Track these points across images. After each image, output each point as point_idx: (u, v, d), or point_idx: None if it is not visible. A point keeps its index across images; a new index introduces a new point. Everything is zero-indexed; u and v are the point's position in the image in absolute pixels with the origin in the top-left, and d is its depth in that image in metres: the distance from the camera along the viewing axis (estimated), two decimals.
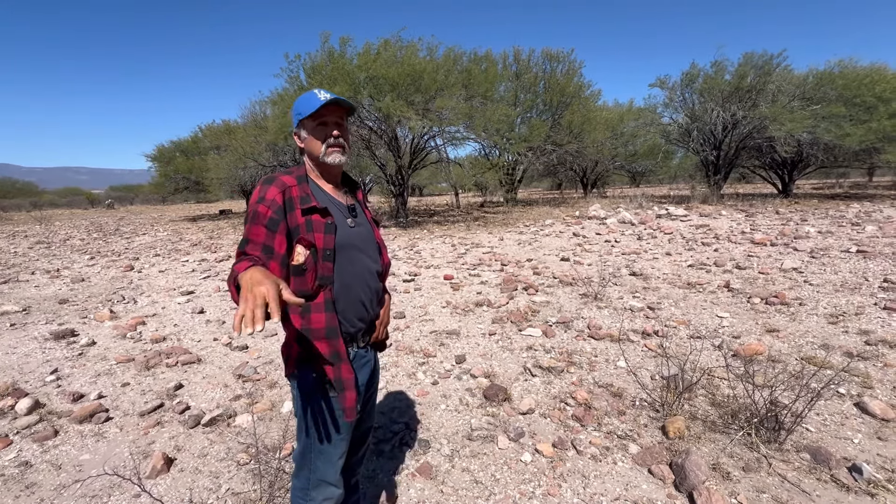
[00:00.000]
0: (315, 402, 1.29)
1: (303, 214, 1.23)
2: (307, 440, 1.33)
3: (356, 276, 1.34)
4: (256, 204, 1.21)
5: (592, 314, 4.12)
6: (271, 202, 1.20)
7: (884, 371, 2.80)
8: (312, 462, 1.33)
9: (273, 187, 1.22)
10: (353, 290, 1.34)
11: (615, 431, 2.32)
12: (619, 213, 10.08)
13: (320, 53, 11.09)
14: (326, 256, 1.25)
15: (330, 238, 1.26)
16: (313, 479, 1.33)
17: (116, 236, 12.46)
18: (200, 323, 4.38)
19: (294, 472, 1.39)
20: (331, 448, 1.32)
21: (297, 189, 1.25)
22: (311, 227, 1.23)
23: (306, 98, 1.29)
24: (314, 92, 1.28)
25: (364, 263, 1.37)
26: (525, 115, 16.77)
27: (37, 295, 5.72)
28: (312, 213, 1.24)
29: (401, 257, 7.36)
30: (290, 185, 1.25)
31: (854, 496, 1.80)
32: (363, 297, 1.36)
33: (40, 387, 3.04)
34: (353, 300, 1.34)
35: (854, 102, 12.65)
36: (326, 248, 1.25)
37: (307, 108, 1.27)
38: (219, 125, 21.35)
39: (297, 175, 1.30)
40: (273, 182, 1.24)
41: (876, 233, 6.87)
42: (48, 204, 37.00)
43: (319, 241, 1.24)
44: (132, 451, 2.28)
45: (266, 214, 1.19)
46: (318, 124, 1.28)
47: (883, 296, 4.11)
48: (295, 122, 1.33)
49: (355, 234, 1.35)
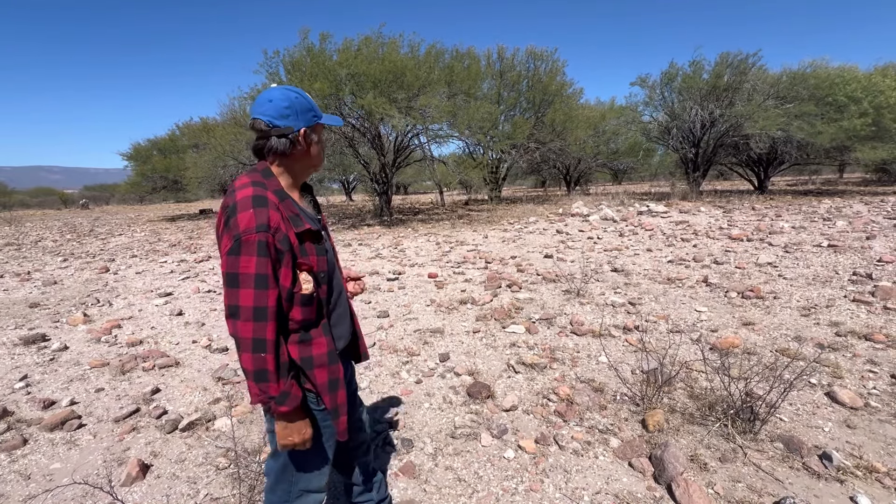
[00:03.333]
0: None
1: (297, 239, 1.12)
2: (288, 458, 1.27)
3: (339, 291, 1.33)
4: (258, 232, 1.03)
5: (575, 310, 4.16)
6: (276, 230, 1.06)
7: (853, 361, 2.90)
8: (296, 476, 1.28)
9: (272, 211, 1.07)
10: (339, 304, 1.33)
11: (596, 426, 2.34)
12: (602, 211, 10.21)
13: (299, 49, 10.94)
14: (322, 279, 1.20)
15: (323, 260, 1.20)
16: (295, 490, 1.29)
17: (91, 237, 12.08)
18: (179, 325, 4.28)
19: (269, 487, 1.31)
20: (318, 459, 1.29)
21: (283, 208, 1.12)
22: (304, 252, 1.13)
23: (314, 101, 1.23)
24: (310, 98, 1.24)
25: (339, 276, 1.36)
26: (508, 113, 16.83)
27: (5, 299, 5.51)
28: (305, 237, 1.14)
29: (385, 256, 7.32)
30: (278, 204, 1.11)
31: (824, 483, 1.86)
32: (346, 310, 1.37)
33: (8, 394, 2.92)
34: (342, 315, 1.34)
35: (826, 101, 13.06)
36: (321, 271, 1.19)
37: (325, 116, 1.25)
38: (197, 123, 20.92)
39: (273, 190, 1.14)
40: (268, 204, 1.08)
41: (846, 227, 7.12)
42: (18, 204, 35.61)
43: (315, 265, 1.15)
44: (106, 459, 2.21)
45: (273, 245, 1.06)
46: (322, 132, 1.26)
47: (852, 288, 4.26)
48: (311, 122, 1.19)
49: (330, 251, 1.32)
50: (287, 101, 1.15)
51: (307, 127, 1.17)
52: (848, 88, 12.85)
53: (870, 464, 1.93)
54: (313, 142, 1.20)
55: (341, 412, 1.24)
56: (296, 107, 1.15)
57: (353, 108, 11.16)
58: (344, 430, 1.26)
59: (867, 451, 2.04)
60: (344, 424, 1.25)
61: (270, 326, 1.06)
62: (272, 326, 1.06)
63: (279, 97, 1.15)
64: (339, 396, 1.23)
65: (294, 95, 1.16)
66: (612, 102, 21.62)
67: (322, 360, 1.17)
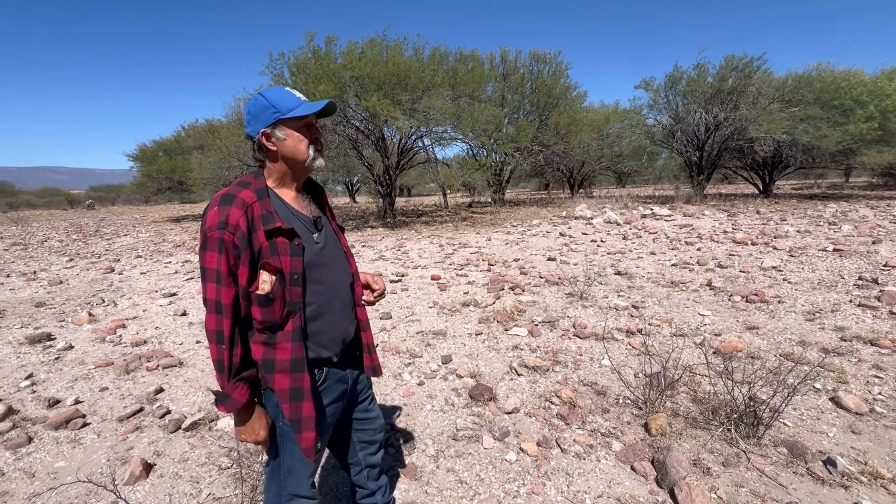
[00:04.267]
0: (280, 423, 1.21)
1: (266, 237, 1.10)
2: (274, 459, 1.26)
3: (328, 297, 1.24)
4: (218, 230, 1.05)
5: (578, 313, 4.15)
6: (235, 228, 1.06)
7: (858, 366, 2.88)
8: (282, 479, 1.26)
9: (234, 209, 1.07)
10: (327, 311, 1.23)
11: (599, 429, 2.34)
12: (605, 213, 10.19)
13: (305, 52, 11.00)
14: (295, 281, 1.14)
15: (297, 261, 1.14)
16: (284, 494, 1.28)
17: (97, 237, 12.17)
18: (183, 325, 4.31)
19: (265, 486, 1.33)
20: (300, 467, 1.25)
21: (259, 206, 1.11)
22: (275, 250, 1.11)
23: (283, 95, 1.15)
24: (285, 89, 1.18)
25: (335, 281, 1.27)
26: (512, 115, 16.84)
27: (12, 298, 5.55)
28: (277, 235, 1.11)
29: (388, 258, 7.33)
30: (250, 203, 1.10)
31: (829, 489, 1.85)
32: (338, 318, 1.27)
33: (14, 392, 2.95)
34: (328, 322, 1.24)
35: (832, 105, 12.98)
36: (294, 272, 1.13)
37: (292, 105, 1.14)
38: (202, 124, 21.04)
39: (255, 188, 1.14)
40: (233, 202, 1.08)
41: (852, 232, 7.07)
42: (25, 204, 35.91)
43: (286, 265, 1.12)
44: (110, 458, 2.23)
45: (231, 242, 1.06)
46: (303, 125, 1.16)
47: (858, 293, 4.23)
48: (269, 121, 1.14)
49: (323, 251, 1.24)
50: (248, 108, 1.17)
51: (266, 127, 1.15)
52: (854, 92, 12.77)
53: (875, 470, 1.91)
54: (279, 139, 1.15)
55: (304, 427, 1.15)
56: (254, 111, 1.15)
57: (358, 110, 11.20)
58: (309, 449, 1.16)
59: (872, 456, 2.03)
60: (308, 441, 1.16)
61: (226, 322, 1.08)
62: (228, 322, 1.08)
63: (247, 107, 1.18)
64: (304, 409, 1.14)
65: (255, 99, 1.17)
66: (616, 105, 21.60)
67: (284, 366, 1.12)
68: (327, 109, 1.18)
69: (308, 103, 1.17)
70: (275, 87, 1.19)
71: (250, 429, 1.17)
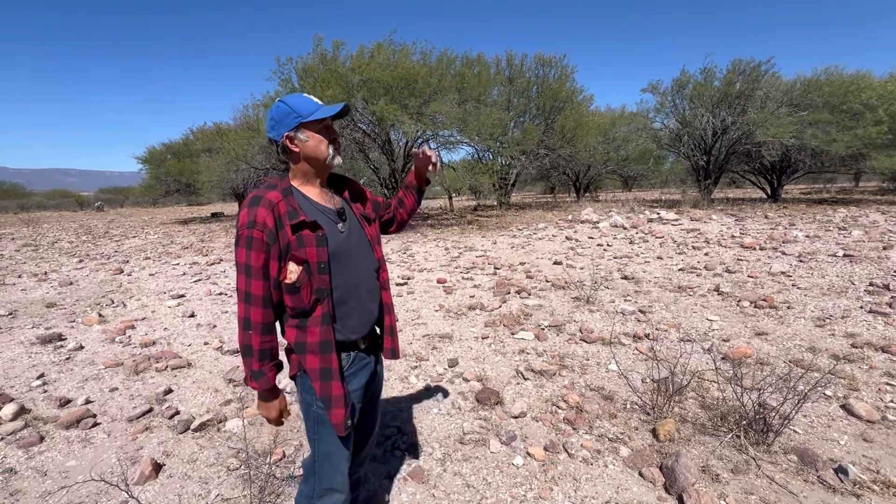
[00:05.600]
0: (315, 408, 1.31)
1: (293, 231, 1.20)
2: (312, 445, 1.35)
3: (354, 282, 1.32)
4: (248, 228, 1.16)
5: (584, 317, 4.14)
6: (263, 226, 1.17)
7: (869, 373, 2.84)
8: (318, 469, 1.35)
9: (261, 209, 1.17)
10: (353, 296, 1.33)
11: (606, 434, 2.33)
12: (612, 217, 10.16)
13: (312, 56, 11.09)
14: (322, 269, 1.23)
15: (323, 251, 1.23)
16: (318, 488, 1.35)
17: (106, 239, 12.31)
18: (191, 327, 4.34)
19: (303, 478, 1.42)
20: (336, 451, 1.33)
21: (284, 204, 1.21)
22: (301, 243, 1.20)
23: (303, 100, 1.24)
24: (303, 95, 1.26)
25: (360, 267, 1.35)
26: (518, 119, 16.85)
27: (23, 298, 5.63)
28: (302, 228, 1.21)
29: (394, 260, 7.35)
30: (276, 202, 1.20)
31: (840, 497, 1.83)
32: (364, 302, 1.36)
33: (26, 392, 2.99)
34: (354, 307, 1.33)
35: (840, 109, 12.89)
36: (321, 261, 1.23)
37: (312, 109, 1.22)
38: (210, 128, 21.23)
39: (281, 189, 1.25)
40: (260, 202, 1.19)
41: (862, 237, 7.00)
42: (36, 206, 36.40)
43: (312, 256, 1.21)
44: (120, 457, 2.25)
45: (261, 239, 1.17)
46: (322, 127, 1.25)
47: (868, 299, 4.18)
48: (291, 125, 1.23)
49: (347, 240, 1.32)
50: (271, 115, 1.26)
51: (289, 131, 1.23)
52: (863, 96, 12.67)
53: (887, 478, 1.89)
54: (301, 141, 1.24)
55: (335, 404, 1.25)
56: (277, 116, 1.24)
57: (365, 113, 11.27)
58: (339, 424, 1.26)
59: (884, 465, 2.00)
60: (339, 417, 1.26)
61: (255, 310, 1.20)
62: (257, 311, 1.20)
63: (269, 113, 1.27)
64: (333, 388, 1.25)
65: (276, 106, 1.25)
66: (623, 109, 21.51)
67: (314, 348, 1.23)
68: (343, 112, 1.27)
69: (325, 107, 1.26)
70: (294, 94, 1.27)
71: (272, 406, 1.32)
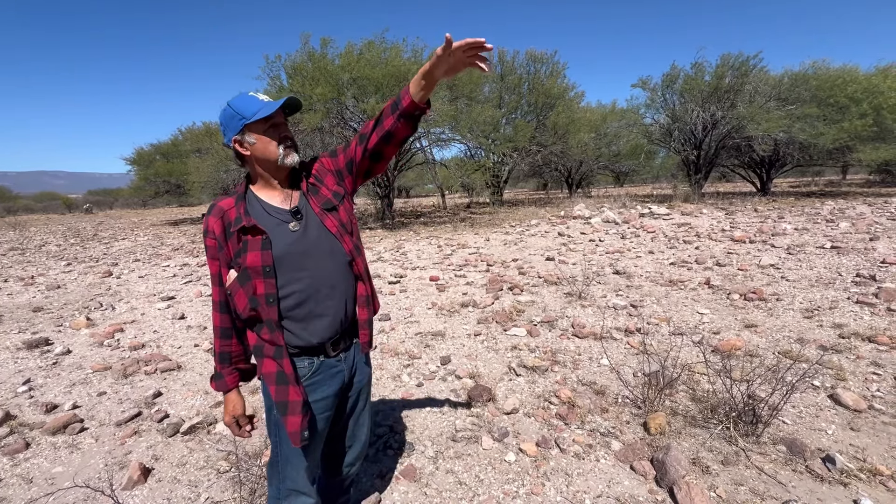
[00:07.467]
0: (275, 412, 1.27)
1: (238, 237, 1.19)
2: (273, 448, 1.33)
3: (313, 283, 1.23)
4: (204, 237, 1.22)
5: (576, 313, 4.15)
6: (212, 233, 1.21)
7: (856, 363, 2.88)
8: (281, 470, 1.32)
9: (212, 217, 1.21)
10: (313, 298, 1.24)
11: (598, 429, 2.34)
12: (604, 213, 10.20)
13: (301, 54, 11.00)
14: (267, 273, 1.18)
15: (267, 254, 1.18)
16: (283, 488, 1.32)
17: (95, 241, 12.14)
18: (181, 329, 4.30)
19: (268, 480, 1.39)
20: (296, 456, 1.29)
21: (234, 210, 1.21)
22: (245, 248, 1.18)
23: (246, 100, 1.18)
24: (248, 95, 1.20)
25: (320, 266, 1.25)
26: (510, 116, 16.87)
27: (9, 303, 5.54)
28: (246, 234, 1.18)
29: (387, 259, 7.33)
30: (227, 210, 1.21)
31: (828, 486, 1.85)
32: (328, 303, 1.27)
33: (11, 398, 2.94)
34: (314, 309, 1.25)
35: (827, 103, 13.03)
36: (265, 265, 1.17)
37: (255, 109, 1.16)
38: (199, 127, 21.02)
39: (236, 194, 1.25)
40: (212, 211, 1.22)
41: (849, 229, 7.09)
42: (23, 209, 35.78)
43: (254, 261, 1.17)
44: (108, 463, 2.22)
45: (213, 247, 1.22)
46: (269, 126, 1.19)
47: (855, 290, 4.23)
48: (237, 128, 1.18)
49: (302, 240, 1.23)
50: (219, 119, 1.24)
51: (236, 134, 1.20)
52: (849, 89, 12.81)
53: (874, 467, 1.91)
54: (250, 144, 1.19)
55: (290, 410, 1.19)
56: (224, 121, 1.22)
57: (356, 111, 11.20)
58: (294, 433, 1.19)
59: (871, 453, 2.03)
60: (294, 426, 1.19)
61: (214, 314, 1.28)
62: (216, 315, 1.27)
63: (219, 118, 1.25)
64: (290, 393, 1.20)
65: (223, 110, 1.22)
66: (614, 105, 21.62)
67: (269, 353, 1.23)
68: (289, 105, 1.21)
69: (269, 103, 1.18)
70: (239, 95, 1.21)
71: (227, 409, 1.32)
